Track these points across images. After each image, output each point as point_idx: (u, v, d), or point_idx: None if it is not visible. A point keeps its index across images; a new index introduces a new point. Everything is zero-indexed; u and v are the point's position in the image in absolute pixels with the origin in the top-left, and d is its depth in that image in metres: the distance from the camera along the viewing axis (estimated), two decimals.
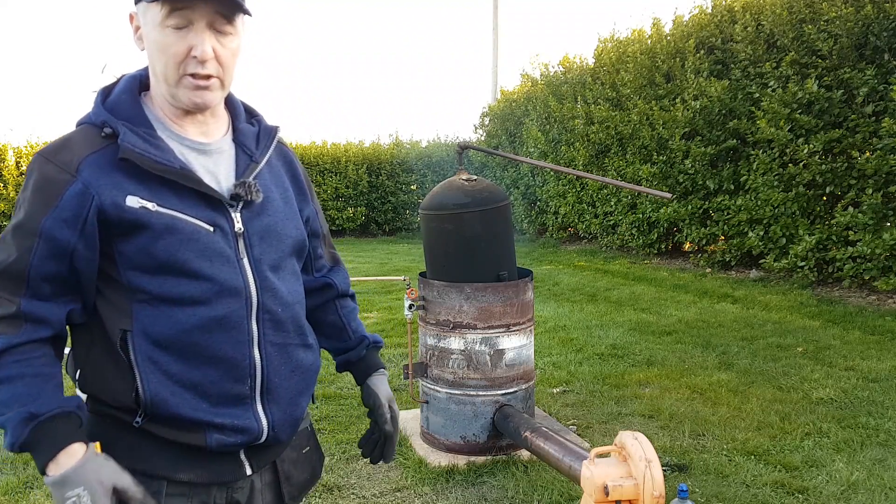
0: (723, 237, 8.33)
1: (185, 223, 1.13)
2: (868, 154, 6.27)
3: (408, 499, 2.90)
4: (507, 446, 3.26)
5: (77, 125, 1.19)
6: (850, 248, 6.41)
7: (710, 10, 8.45)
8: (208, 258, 1.14)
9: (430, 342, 3.34)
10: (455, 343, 3.23)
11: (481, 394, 3.23)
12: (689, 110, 8.09)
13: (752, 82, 7.45)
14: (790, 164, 6.94)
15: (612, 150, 10.00)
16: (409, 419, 3.72)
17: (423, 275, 3.49)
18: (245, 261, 1.19)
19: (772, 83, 7.06)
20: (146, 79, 1.21)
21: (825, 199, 6.95)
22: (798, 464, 3.12)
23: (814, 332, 5.45)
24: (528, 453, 3.11)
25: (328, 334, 1.48)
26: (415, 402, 3.72)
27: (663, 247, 9.53)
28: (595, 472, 1.93)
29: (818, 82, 6.55)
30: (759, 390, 4.14)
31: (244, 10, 1.14)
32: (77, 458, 1.05)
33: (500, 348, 3.23)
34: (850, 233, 6.38)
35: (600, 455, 2.00)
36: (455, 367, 3.25)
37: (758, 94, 7.28)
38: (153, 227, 1.10)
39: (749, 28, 7.41)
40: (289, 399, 1.24)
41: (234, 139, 1.26)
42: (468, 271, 3.27)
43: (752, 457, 3.22)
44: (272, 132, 1.32)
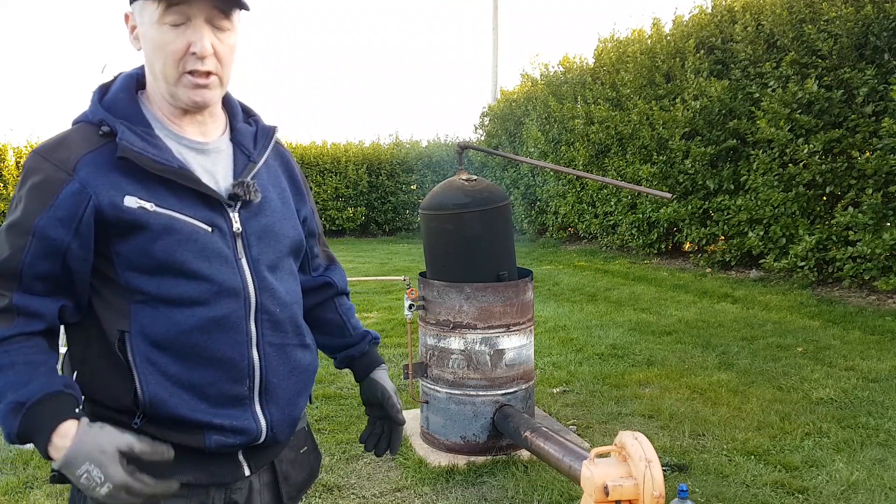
0: (723, 237, 8.33)
1: (184, 223, 1.12)
2: (868, 154, 6.27)
3: (408, 499, 2.90)
4: (507, 446, 3.26)
5: (73, 123, 1.17)
6: (850, 248, 6.41)
7: (710, 10, 8.45)
8: (207, 258, 1.13)
9: (430, 342, 3.34)
10: (455, 343, 3.23)
11: (481, 394, 3.23)
12: (689, 110, 8.09)
13: (752, 82, 7.45)
14: (790, 164, 6.94)
15: (612, 150, 10.00)
16: (409, 419, 3.72)
17: (423, 275, 3.49)
18: (243, 261, 1.18)
19: (772, 83, 7.05)
20: (143, 77, 1.20)
21: (825, 199, 6.95)
22: (798, 464, 3.12)
23: (814, 332, 5.45)
24: (528, 453, 3.11)
25: (328, 332, 1.48)
26: (415, 402, 3.72)
27: (663, 247, 9.53)
28: (595, 472, 1.93)
29: (818, 82, 6.55)
30: (759, 390, 4.14)
31: (242, 5, 1.14)
32: (70, 436, 1.02)
33: (500, 348, 3.23)
34: (850, 233, 6.38)
35: (600, 455, 2.00)
36: (455, 367, 3.25)
37: (758, 94, 7.28)
38: (151, 228, 1.09)
39: (749, 28, 7.41)
40: (287, 399, 1.24)
41: (232, 139, 1.26)
42: (468, 271, 3.27)
43: (752, 457, 3.22)
44: (270, 132, 1.31)
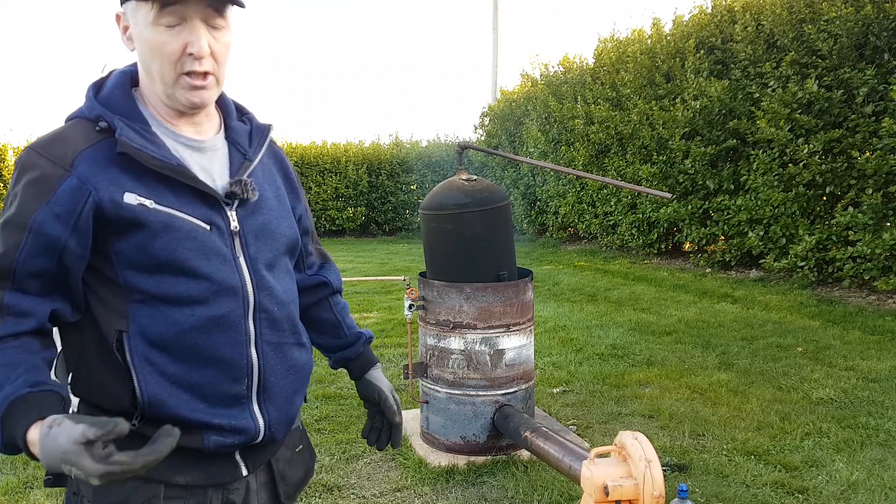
0: (723, 237, 8.33)
1: (183, 221, 1.11)
2: (868, 154, 6.27)
3: (408, 499, 2.90)
4: (507, 446, 3.26)
5: (67, 120, 1.16)
6: (850, 248, 6.41)
7: (710, 10, 8.44)
8: (206, 257, 1.12)
9: (430, 342, 3.34)
10: (455, 343, 3.23)
11: (481, 394, 3.23)
12: (689, 110, 8.09)
13: (752, 82, 7.45)
14: (790, 164, 6.94)
15: (612, 150, 10.00)
16: (409, 419, 3.71)
17: (423, 275, 3.49)
18: (241, 260, 1.17)
19: (772, 83, 7.05)
20: (136, 75, 1.19)
21: (825, 199, 6.95)
22: (798, 464, 3.12)
23: (814, 332, 5.45)
24: (528, 453, 3.11)
25: (323, 331, 1.48)
26: (415, 402, 3.72)
27: (663, 247, 9.53)
28: (595, 472, 1.93)
29: (818, 82, 6.55)
30: (759, 390, 4.14)
31: (237, 2, 1.12)
32: (36, 442, 0.96)
33: (500, 348, 3.23)
34: (850, 233, 6.38)
35: (600, 455, 2.00)
36: (455, 367, 3.25)
37: (758, 94, 7.28)
38: (151, 225, 1.08)
39: (749, 28, 7.41)
40: (284, 398, 1.24)
41: (227, 137, 1.25)
42: (468, 271, 3.27)
43: (752, 457, 3.22)
44: (265, 130, 1.31)
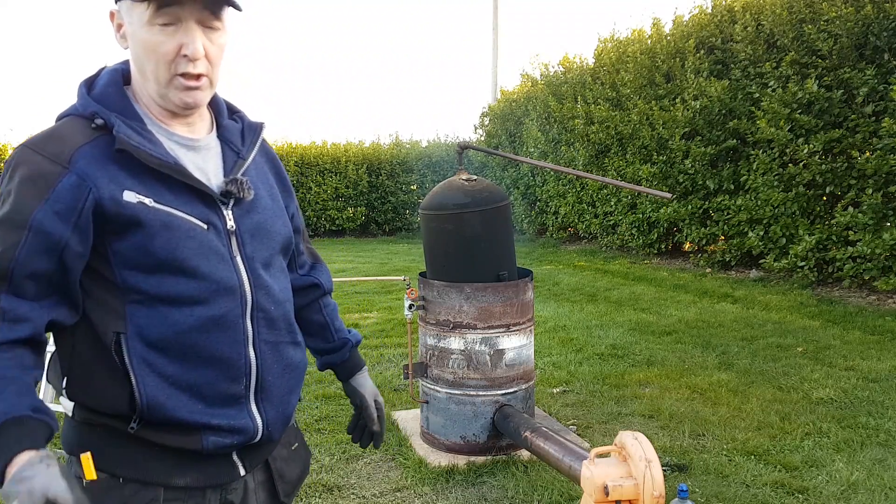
0: (723, 237, 8.33)
1: (182, 220, 1.10)
2: (868, 154, 6.27)
3: (408, 499, 2.90)
4: (507, 446, 3.26)
5: (59, 118, 1.14)
6: (850, 248, 6.41)
7: (710, 10, 8.45)
8: (205, 256, 1.12)
9: (430, 342, 3.34)
10: (455, 343, 3.23)
11: (481, 394, 3.23)
12: (689, 110, 8.09)
13: (752, 82, 7.45)
14: (790, 164, 6.94)
15: (612, 150, 10.00)
16: (409, 419, 3.72)
17: (423, 275, 3.49)
18: (238, 259, 1.17)
19: (772, 83, 7.05)
20: (127, 73, 1.17)
21: (825, 199, 6.95)
22: (798, 464, 3.12)
23: (814, 332, 5.45)
24: (528, 453, 3.10)
25: (312, 333, 1.48)
26: (415, 402, 3.72)
27: (663, 247, 9.53)
28: (595, 472, 1.93)
29: (818, 82, 6.55)
30: (759, 390, 4.14)
31: (233, 4, 1.12)
32: (18, 465, 0.95)
33: (500, 348, 3.23)
34: (850, 233, 6.38)
35: (600, 455, 2.00)
36: (455, 367, 3.25)
37: (758, 94, 7.28)
38: (149, 224, 1.07)
39: (749, 28, 7.41)
40: (281, 397, 1.23)
41: (219, 136, 1.24)
42: (468, 271, 3.27)
43: (752, 457, 3.22)
44: (257, 129, 1.30)
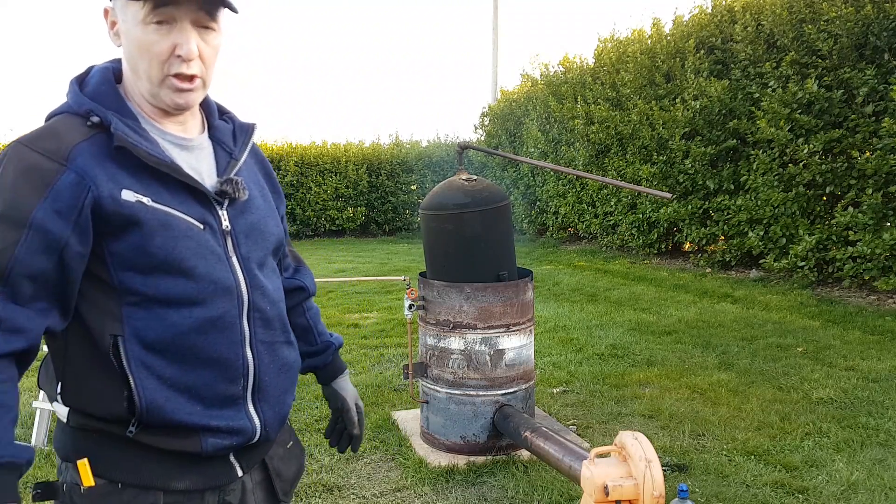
0: (723, 237, 8.33)
1: (179, 220, 1.09)
2: (868, 154, 6.27)
3: (408, 499, 2.90)
4: (507, 446, 3.26)
5: (50, 116, 1.12)
6: (850, 248, 6.41)
7: (710, 10, 8.44)
8: (202, 256, 1.11)
9: (430, 342, 3.34)
10: (455, 343, 3.23)
11: (481, 394, 3.23)
12: (689, 110, 8.09)
13: (752, 82, 7.45)
14: (790, 164, 6.94)
15: (612, 150, 10.00)
16: (409, 419, 3.72)
17: (423, 275, 3.49)
18: (234, 259, 1.17)
19: (772, 83, 7.05)
20: (119, 71, 1.16)
21: (825, 199, 6.95)
22: (798, 464, 3.12)
23: (814, 332, 5.45)
24: (528, 453, 3.11)
25: (296, 336, 1.46)
26: (415, 402, 3.72)
27: (663, 247, 9.53)
28: (595, 472, 1.93)
29: (818, 82, 6.55)
30: (759, 390, 4.14)
31: (229, 6, 1.11)
32: None
33: (500, 348, 3.23)
34: (850, 233, 6.38)
35: (600, 455, 2.00)
36: (455, 367, 3.25)
37: (758, 94, 7.28)
38: (147, 224, 1.06)
39: (749, 28, 7.41)
40: (277, 397, 1.23)
41: (211, 136, 1.24)
42: (468, 271, 3.27)
43: (752, 457, 3.22)
44: (249, 129, 1.30)
